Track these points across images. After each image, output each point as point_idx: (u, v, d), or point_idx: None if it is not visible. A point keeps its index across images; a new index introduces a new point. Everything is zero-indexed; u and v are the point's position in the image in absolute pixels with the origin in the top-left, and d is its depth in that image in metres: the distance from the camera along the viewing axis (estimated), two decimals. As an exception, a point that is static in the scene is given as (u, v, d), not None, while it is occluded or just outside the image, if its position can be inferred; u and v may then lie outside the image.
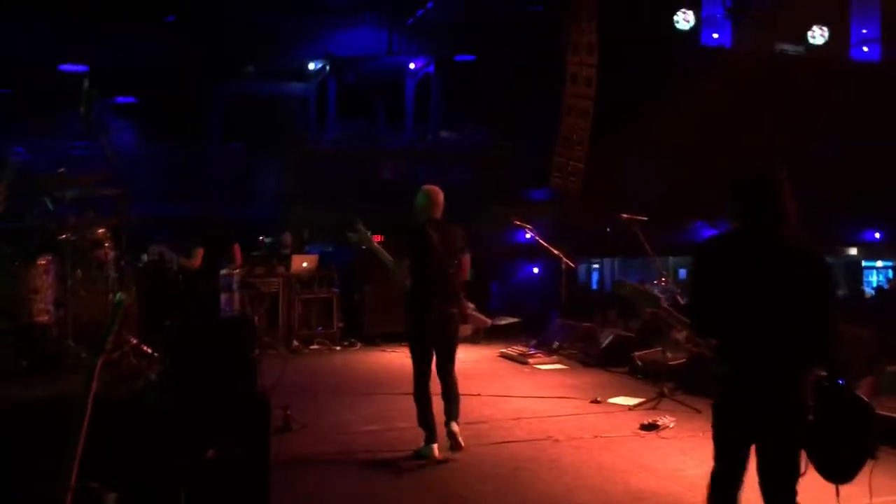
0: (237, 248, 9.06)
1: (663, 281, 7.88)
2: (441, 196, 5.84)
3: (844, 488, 3.21)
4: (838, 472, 3.12)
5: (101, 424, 3.01)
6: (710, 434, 6.19)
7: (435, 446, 5.62)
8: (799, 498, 3.12)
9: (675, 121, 12.98)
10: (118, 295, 3.31)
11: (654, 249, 7.72)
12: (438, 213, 5.84)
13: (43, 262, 5.28)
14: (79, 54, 14.63)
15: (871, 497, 3.45)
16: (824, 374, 3.16)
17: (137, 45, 15.50)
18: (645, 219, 7.41)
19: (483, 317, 11.75)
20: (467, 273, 6.10)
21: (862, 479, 3.16)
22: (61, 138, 14.70)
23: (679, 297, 8.90)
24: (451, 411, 5.75)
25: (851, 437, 3.07)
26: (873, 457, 3.06)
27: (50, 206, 5.74)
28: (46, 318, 5.22)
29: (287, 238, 11.75)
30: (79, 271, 5.48)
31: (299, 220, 12.91)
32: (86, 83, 5.54)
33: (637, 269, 22.39)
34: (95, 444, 2.93)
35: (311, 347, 10.86)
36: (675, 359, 8.32)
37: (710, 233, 17.29)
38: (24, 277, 5.14)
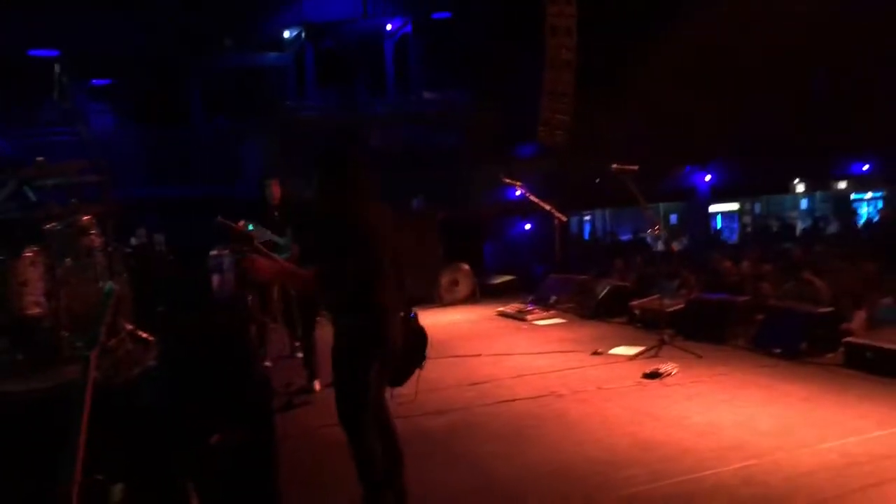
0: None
1: (657, 230, 7.84)
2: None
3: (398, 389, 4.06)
4: (399, 379, 4.01)
5: (101, 414, 2.97)
6: (714, 378, 6.30)
7: (316, 382, 6.45)
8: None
9: (659, 67, 12.84)
10: (108, 285, 3.23)
11: (646, 198, 7.66)
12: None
13: (29, 253, 5.17)
14: (49, 39, 14.32)
15: (416, 393, 4.21)
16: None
17: (111, 26, 15.20)
18: (636, 168, 7.33)
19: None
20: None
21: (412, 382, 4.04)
22: (37, 126, 14.49)
23: (673, 245, 8.91)
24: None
25: (414, 355, 3.99)
26: (421, 367, 4.02)
27: (31, 195, 5.62)
28: (38, 310, 5.13)
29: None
30: (67, 260, 5.37)
31: (286, 194, 12.76)
32: (57, 68, 5.39)
33: (629, 218, 22.44)
34: (97, 434, 2.88)
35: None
36: (672, 305, 8.33)
37: (700, 176, 17.35)
38: (11, 271, 5.05)
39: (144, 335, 5.27)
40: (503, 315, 10.46)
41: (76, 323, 5.12)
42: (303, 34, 17.38)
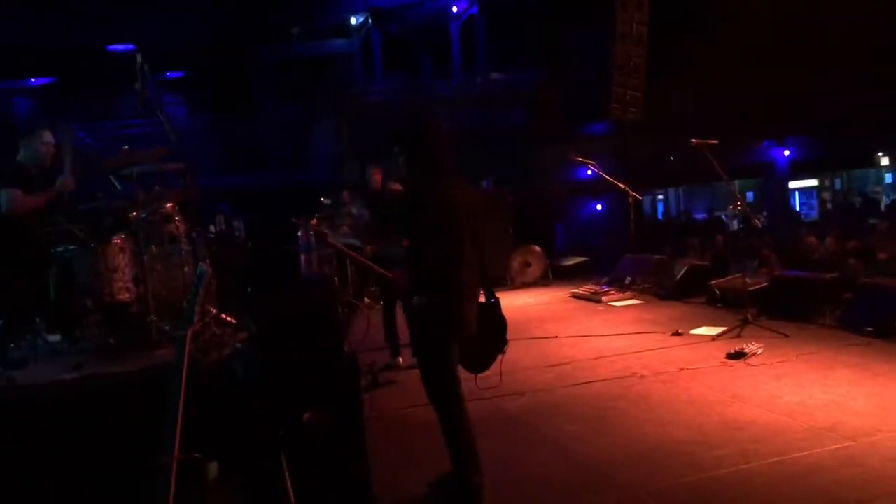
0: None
1: (738, 205, 7.60)
2: None
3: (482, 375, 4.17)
4: (482, 365, 4.08)
5: (194, 395, 3.02)
6: (802, 358, 6.09)
7: (399, 358, 6.80)
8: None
9: (734, 38, 12.42)
10: (199, 266, 3.28)
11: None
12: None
13: (118, 240, 5.31)
14: (126, 34, 14.70)
15: (501, 377, 4.36)
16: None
17: (180, 19, 15.51)
18: (716, 142, 7.11)
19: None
20: None
21: (495, 367, 4.13)
22: (116, 119, 14.95)
23: (757, 221, 8.62)
24: None
25: (495, 340, 4.01)
26: (503, 352, 4.07)
27: (117, 184, 5.79)
28: (127, 295, 5.27)
29: (346, 196, 11.73)
30: (153, 247, 5.51)
31: (355, 178, 12.87)
32: (139, 58, 5.51)
33: (703, 196, 21.90)
34: (192, 414, 2.94)
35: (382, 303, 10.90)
36: (755, 284, 8.08)
37: (778, 151, 16.76)
38: (101, 257, 5.20)
39: (228, 318, 5.38)
40: (577, 297, 10.34)
41: (162, 308, 5.26)
42: (369, 20, 17.43)
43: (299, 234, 6.24)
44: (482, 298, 4.01)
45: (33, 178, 5.50)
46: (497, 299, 4.07)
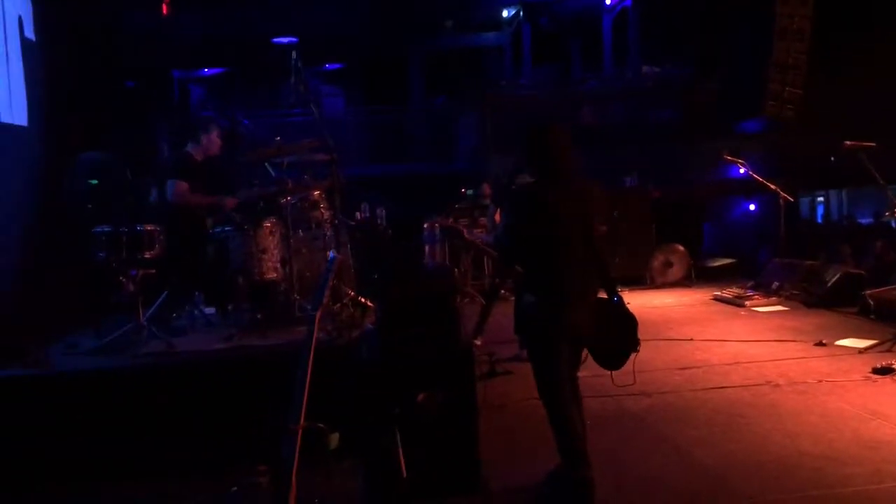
0: None
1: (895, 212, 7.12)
2: None
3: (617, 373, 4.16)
4: (613, 362, 4.09)
5: (324, 370, 3.28)
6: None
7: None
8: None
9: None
10: (331, 253, 3.57)
11: (889, 177, 6.96)
12: None
13: (268, 224, 5.77)
14: (290, 27, 15.56)
15: (634, 377, 4.29)
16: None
17: (342, 12, 16.21)
18: (872, 145, 6.69)
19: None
20: None
21: (629, 365, 4.10)
22: (278, 108, 15.89)
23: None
24: None
25: (624, 338, 3.99)
26: (636, 350, 4.01)
27: (271, 171, 6.25)
28: (275, 275, 5.73)
29: (486, 189, 11.91)
30: (300, 231, 5.94)
31: (499, 170, 13.02)
32: (294, 55, 5.92)
33: (871, 199, 20.38)
34: (321, 387, 3.20)
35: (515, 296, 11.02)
36: (914, 296, 7.55)
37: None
38: (254, 239, 5.66)
39: (365, 301, 5.72)
40: (719, 299, 10.02)
41: (306, 288, 5.67)
42: (521, 13, 17.53)
43: (424, 225, 6.42)
44: (603, 296, 4.03)
45: (198, 167, 6.05)
46: (620, 297, 4.06)
